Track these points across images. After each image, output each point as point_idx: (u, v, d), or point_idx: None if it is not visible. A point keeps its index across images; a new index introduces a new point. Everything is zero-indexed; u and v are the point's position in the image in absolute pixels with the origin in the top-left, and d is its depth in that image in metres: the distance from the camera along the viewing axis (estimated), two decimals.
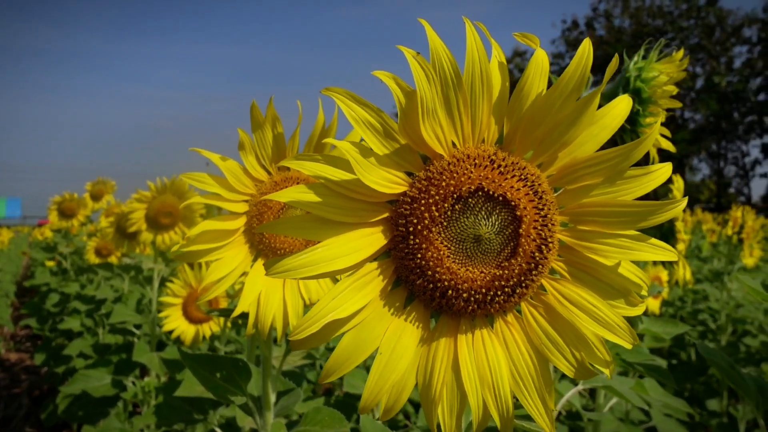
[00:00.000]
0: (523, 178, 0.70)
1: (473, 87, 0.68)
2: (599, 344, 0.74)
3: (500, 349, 0.72)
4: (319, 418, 1.31)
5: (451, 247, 0.70)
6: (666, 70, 1.31)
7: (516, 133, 0.71)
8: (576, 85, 0.67)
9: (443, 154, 0.69)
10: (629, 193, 0.72)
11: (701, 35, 46.83)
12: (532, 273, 0.71)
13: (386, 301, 0.71)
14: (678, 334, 1.74)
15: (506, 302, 0.72)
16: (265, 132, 1.15)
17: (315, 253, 0.66)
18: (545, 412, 0.71)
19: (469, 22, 0.66)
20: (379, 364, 0.69)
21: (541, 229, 0.70)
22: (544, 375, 0.72)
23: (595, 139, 0.71)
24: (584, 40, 0.67)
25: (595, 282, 0.74)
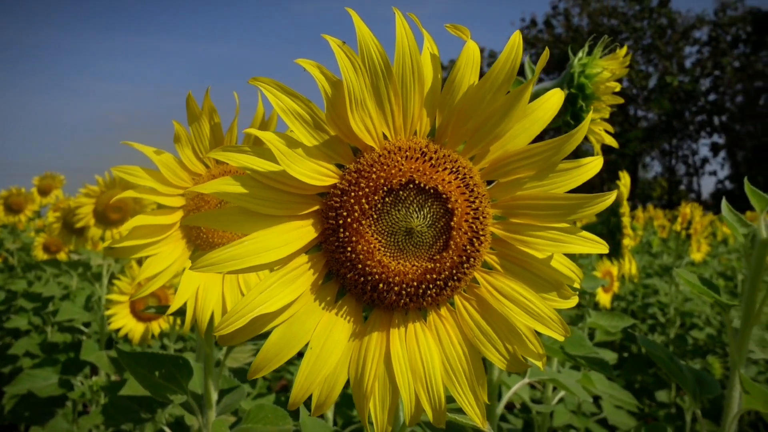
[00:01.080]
0: (454, 171, 0.70)
1: (404, 78, 0.67)
2: (532, 337, 0.74)
3: (433, 342, 0.72)
4: (261, 416, 1.30)
5: (382, 240, 0.69)
6: (609, 66, 1.32)
7: (448, 125, 0.70)
8: (506, 77, 0.67)
9: (374, 146, 0.69)
10: (561, 186, 0.72)
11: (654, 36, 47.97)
12: (463, 266, 0.71)
13: (317, 295, 0.70)
14: (624, 327, 1.78)
15: (439, 295, 0.71)
16: (202, 125, 1.12)
17: (241, 247, 0.64)
18: (477, 405, 0.71)
19: (399, 13, 0.65)
20: (309, 359, 0.67)
21: (472, 222, 0.70)
22: (477, 368, 0.72)
23: (527, 132, 0.71)
24: (514, 34, 0.67)
25: (527, 275, 0.74)
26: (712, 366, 4.12)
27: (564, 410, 3.39)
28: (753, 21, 44.92)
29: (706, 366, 4.17)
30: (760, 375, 4.37)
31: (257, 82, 0.65)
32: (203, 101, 1.12)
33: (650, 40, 48.32)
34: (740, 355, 1.08)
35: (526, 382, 1.47)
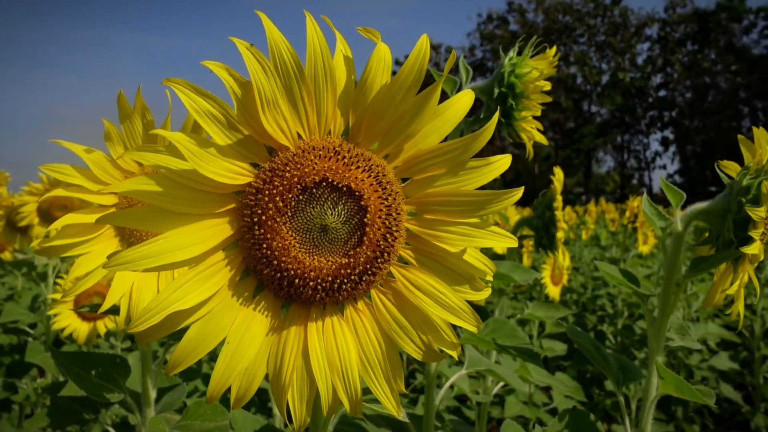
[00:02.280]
0: (368, 169, 0.72)
1: (317, 79, 0.69)
2: (446, 328, 0.77)
3: (350, 335, 0.75)
4: (200, 412, 1.30)
5: (297, 236, 0.71)
6: (538, 66, 1.37)
7: (361, 125, 0.73)
8: (414, 79, 0.70)
9: (289, 146, 0.70)
10: (471, 183, 0.75)
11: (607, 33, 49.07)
12: (378, 261, 0.73)
13: (235, 291, 0.71)
14: (559, 317, 1.84)
15: (354, 290, 0.74)
16: (134, 122, 1.12)
17: (156, 245, 0.65)
18: (391, 395, 0.74)
19: (309, 16, 0.67)
20: (226, 354, 0.69)
21: (386, 218, 0.73)
22: (392, 359, 0.75)
23: (438, 131, 0.74)
24: (422, 37, 0.70)
25: (441, 268, 0.78)
26: None
27: (515, 401, 3.47)
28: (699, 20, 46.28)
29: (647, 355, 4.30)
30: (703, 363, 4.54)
31: (171, 83, 0.66)
32: (135, 99, 1.12)
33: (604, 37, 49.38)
34: (658, 343, 1.13)
35: (463, 373, 1.51)
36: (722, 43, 46.31)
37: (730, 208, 1.05)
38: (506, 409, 3.34)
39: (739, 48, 45.59)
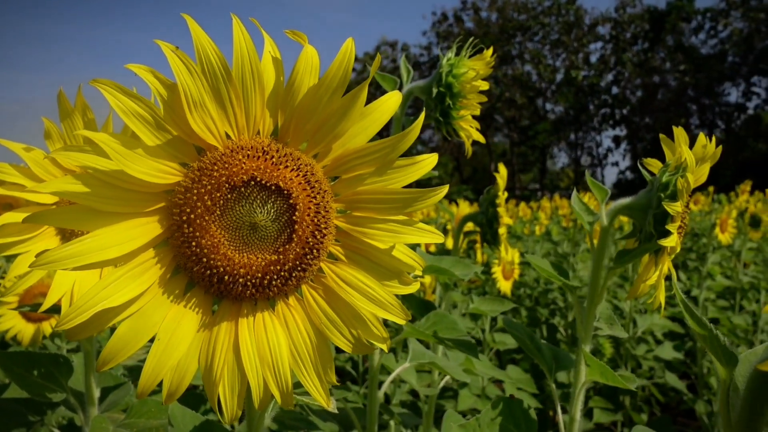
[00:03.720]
0: (296, 168, 0.74)
1: (244, 81, 0.71)
2: (376, 322, 0.80)
3: (281, 329, 0.77)
4: (145, 410, 1.31)
5: (227, 234, 0.73)
6: (475, 66, 1.41)
7: (290, 125, 0.75)
8: (340, 81, 0.72)
9: (217, 145, 0.72)
10: (398, 181, 0.78)
11: (561, 31, 49.95)
12: (307, 257, 0.76)
13: (165, 289, 0.73)
14: (503, 310, 1.89)
15: (285, 286, 0.76)
16: (75, 121, 1.12)
17: (83, 244, 0.66)
18: (321, 387, 0.76)
19: (236, 19, 0.69)
20: (156, 350, 0.70)
21: (315, 216, 0.75)
22: (323, 353, 0.77)
23: (365, 131, 0.77)
24: (347, 40, 0.72)
25: (369, 264, 0.80)
26: (602, 346, 4.39)
27: (469, 394, 3.53)
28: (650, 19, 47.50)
29: (597, 347, 4.43)
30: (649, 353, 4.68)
31: (97, 84, 0.67)
32: (76, 98, 1.12)
33: (558, 36, 50.20)
34: (586, 332, 1.19)
35: (406, 366, 1.55)
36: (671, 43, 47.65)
37: (651, 203, 1.10)
38: (459, 402, 3.39)
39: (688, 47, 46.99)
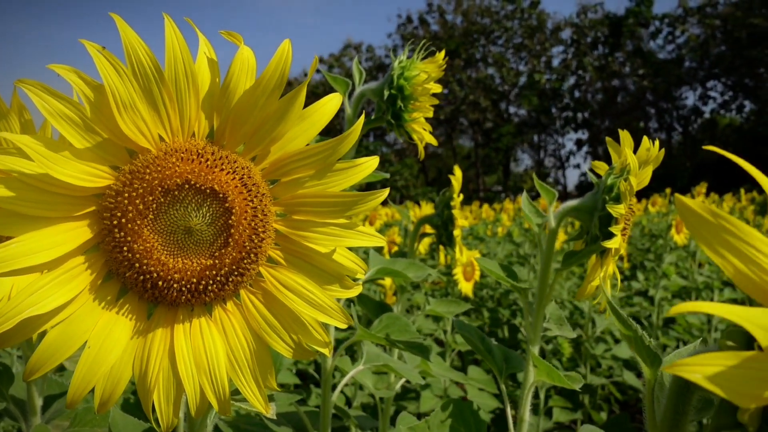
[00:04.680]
0: (232, 171, 0.73)
1: (178, 83, 0.69)
2: (317, 326, 0.79)
3: (218, 335, 0.75)
4: (89, 418, 1.27)
5: (160, 239, 0.71)
6: (427, 69, 1.41)
7: (226, 127, 0.73)
8: (277, 83, 0.71)
9: (150, 148, 0.70)
10: (338, 185, 0.78)
11: (524, 35, 50.59)
12: (245, 262, 0.74)
13: (96, 295, 0.71)
14: (459, 312, 1.90)
15: (222, 291, 0.75)
16: (11, 122, 1.08)
17: (8, 249, 0.64)
18: (259, 393, 0.75)
19: (168, 19, 0.67)
20: (87, 358, 0.68)
21: (252, 220, 0.74)
22: (262, 358, 0.76)
23: (305, 134, 0.76)
24: (283, 42, 0.71)
25: (310, 268, 0.79)
26: (562, 346, 4.44)
27: (431, 395, 3.53)
28: (609, 24, 48.46)
29: (557, 347, 4.49)
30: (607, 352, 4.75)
31: (23, 85, 0.64)
32: (11, 98, 1.08)
33: (521, 39, 50.84)
34: (535, 333, 1.20)
35: (360, 368, 1.54)
36: (630, 48, 48.67)
37: (596, 205, 1.12)
38: (421, 404, 3.40)
39: (646, 52, 48.05)
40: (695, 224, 0.39)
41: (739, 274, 0.39)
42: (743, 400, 0.36)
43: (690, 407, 0.51)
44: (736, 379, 0.35)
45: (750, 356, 0.36)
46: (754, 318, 0.36)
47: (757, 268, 0.39)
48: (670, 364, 0.36)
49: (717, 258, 0.38)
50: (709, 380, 0.35)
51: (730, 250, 0.38)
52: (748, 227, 0.38)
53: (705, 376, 0.35)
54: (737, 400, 0.36)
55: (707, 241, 0.38)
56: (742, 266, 0.38)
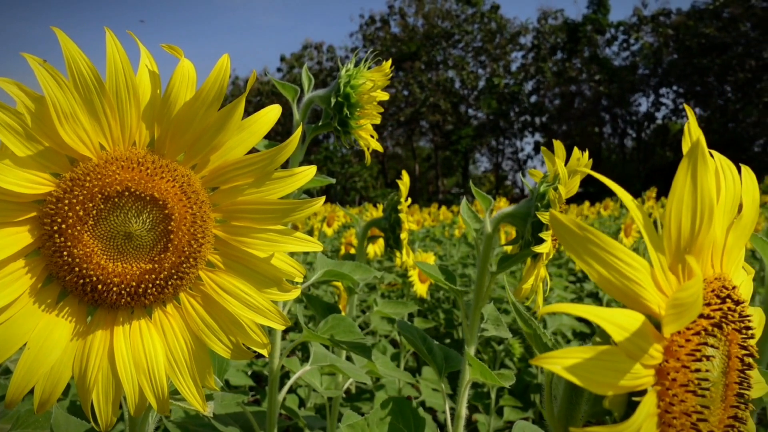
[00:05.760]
0: (173, 179, 0.76)
1: (119, 93, 0.72)
2: (255, 328, 0.83)
3: (157, 337, 0.78)
4: (32, 420, 1.28)
5: (100, 244, 0.74)
6: (373, 77, 1.46)
7: (166, 137, 0.77)
8: (216, 95, 0.75)
9: (91, 156, 0.73)
10: (276, 192, 0.82)
11: (484, 39, 51.22)
12: (184, 266, 0.78)
13: (36, 298, 0.73)
14: (407, 312, 1.95)
15: (161, 294, 0.78)
16: None
17: None
18: (197, 392, 0.78)
19: (110, 32, 0.70)
20: (26, 359, 0.71)
21: (191, 226, 0.77)
22: (200, 359, 0.80)
23: (244, 143, 0.79)
24: (222, 57, 0.75)
25: (248, 272, 0.83)
26: (512, 346, 4.55)
27: (385, 395, 3.58)
28: (567, 30, 49.42)
29: (507, 346, 4.59)
30: None
31: None
32: None
33: (481, 44, 51.43)
34: (471, 333, 1.26)
35: (307, 369, 1.58)
36: (587, 54, 49.72)
37: (530, 212, 1.18)
38: (375, 404, 3.44)
39: (602, 59, 49.16)
40: (565, 236, 0.44)
41: (603, 280, 0.44)
42: (599, 388, 0.42)
43: (582, 398, 0.57)
44: (592, 370, 0.41)
45: (604, 349, 0.42)
46: (608, 317, 0.42)
47: (618, 274, 0.45)
48: (537, 357, 0.41)
49: (584, 265, 0.44)
50: (567, 370, 0.40)
51: (595, 259, 0.44)
52: (610, 239, 0.44)
53: (564, 367, 0.40)
54: (593, 388, 0.41)
55: (575, 250, 0.44)
56: (605, 272, 0.44)
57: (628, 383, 0.44)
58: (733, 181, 0.57)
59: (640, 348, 0.44)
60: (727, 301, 0.52)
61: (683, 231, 0.49)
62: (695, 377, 0.47)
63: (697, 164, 0.48)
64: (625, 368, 0.43)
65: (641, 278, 0.46)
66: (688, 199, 0.49)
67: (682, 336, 0.48)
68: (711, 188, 0.49)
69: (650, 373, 0.46)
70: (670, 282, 0.48)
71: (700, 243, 0.51)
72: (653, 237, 0.48)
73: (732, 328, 0.54)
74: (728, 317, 0.52)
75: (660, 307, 0.47)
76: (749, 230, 0.59)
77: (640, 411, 0.44)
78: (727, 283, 0.54)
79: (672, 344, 0.47)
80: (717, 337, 0.51)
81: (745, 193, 0.58)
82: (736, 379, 0.56)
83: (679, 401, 0.47)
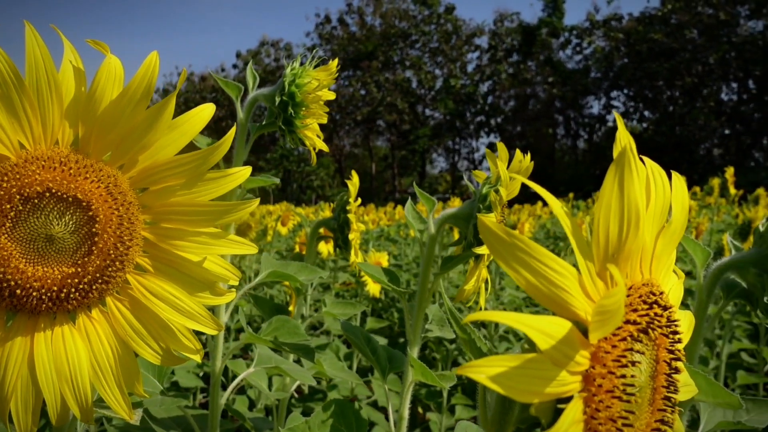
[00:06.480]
0: (98, 180, 0.73)
1: (39, 90, 0.69)
2: (187, 333, 0.80)
3: (81, 343, 0.75)
4: None
5: (19, 247, 0.70)
6: (319, 77, 1.43)
7: (91, 136, 0.73)
8: (144, 92, 0.72)
9: (9, 156, 0.70)
10: (209, 194, 0.79)
11: (440, 40, 51.62)
12: (109, 269, 0.74)
13: None
14: (354, 313, 1.94)
15: (85, 298, 0.74)
16: None
17: None
18: (123, 400, 0.75)
19: (29, 26, 0.67)
20: None
21: (117, 228, 0.74)
22: (127, 365, 0.77)
23: (175, 143, 0.77)
24: (150, 54, 0.72)
25: (179, 275, 0.80)
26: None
27: (338, 396, 3.57)
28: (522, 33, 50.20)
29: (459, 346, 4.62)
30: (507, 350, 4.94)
31: None
32: None
33: (437, 44, 51.82)
34: (414, 334, 1.25)
35: (251, 371, 1.55)
36: (542, 57, 50.61)
37: (472, 213, 1.18)
38: None
39: (556, 62, 50.12)
40: (492, 242, 0.43)
41: (530, 286, 0.44)
42: (524, 396, 0.41)
43: (515, 404, 0.56)
44: (516, 378, 0.40)
45: (530, 358, 0.41)
46: (534, 324, 0.41)
47: (545, 281, 0.44)
48: (462, 366, 0.40)
49: (511, 272, 0.43)
50: (491, 380, 0.39)
51: (522, 266, 0.43)
52: (537, 246, 0.43)
53: (488, 376, 0.39)
54: (518, 396, 0.41)
55: (503, 257, 0.43)
56: (532, 279, 0.44)
57: (554, 390, 0.43)
58: (663, 187, 0.57)
59: (565, 355, 0.43)
60: (654, 306, 0.52)
61: (611, 238, 0.49)
62: (621, 383, 0.47)
63: (624, 171, 0.48)
64: (551, 376, 0.43)
65: (569, 285, 0.45)
66: (615, 206, 0.49)
67: (608, 342, 0.48)
68: (638, 195, 0.49)
69: (577, 379, 0.46)
70: (598, 288, 0.48)
71: (628, 249, 0.51)
72: (581, 244, 0.48)
73: (660, 333, 0.54)
74: (655, 322, 0.52)
75: (587, 313, 0.47)
76: (678, 236, 0.59)
77: (564, 418, 0.43)
78: (654, 289, 0.54)
79: (598, 350, 0.47)
80: (643, 342, 0.51)
81: (675, 199, 0.58)
82: (663, 383, 0.56)
83: (605, 407, 0.46)
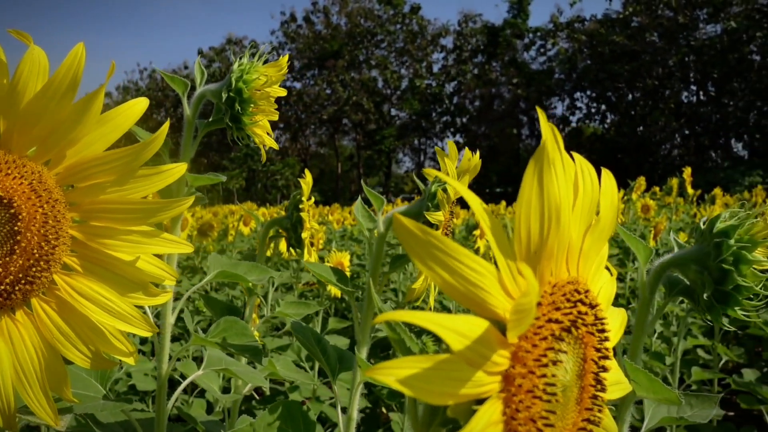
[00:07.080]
0: (20, 176, 0.70)
1: None
2: (119, 335, 0.78)
3: (3, 346, 0.72)
4: None
5: None
6: (267, 73, 1.41)
7: (14, 130, 0.70)
8: (69, 85, 0.69)
9: None
10: (141, 191, 0.77)
11: (406, 40, 51.73)
12: (33, 269, 0.72)
13: None
14: (307, 313, 1.92)
15: (7, 300, 0.71)
16: None
17: None
18: (48, 405, 0.72)
19: None
20: None
21: (42, 226, 0.71)
22: (54, 369, 0.74)
23: (104, 138, 0.74)
24: (76, 45, 0.69)
25: (110, 275, 0.78)
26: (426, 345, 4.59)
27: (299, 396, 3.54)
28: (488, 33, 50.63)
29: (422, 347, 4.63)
30: None
31: None
32: None
33: (403, 44, 51.93)
34: (363, 334, 1.24)
35: (200, 373, 1.52)
36: (507, 58, 51.10)
37: (421, 211, 1.18)
38: None
39: (521, 63, 50.65)
40: (408, 240, 0.42)
41: (447, 285, 0.43)
42: (436, 398, 0.40)
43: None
44: (428, 380, 0.40)
45: (443, 358, 0.41)
46: (448, 324, 0.41)
47: (463, 280, 0.43)
48: (370, 369, 0.39)
49: (427, 271, 0.42)
50: (400, 382, 0.38)
51: (438, 264, 0.42)
52: (454, 243, 0.42)
53: (398, 378, 0.38)
54: (429, 399, 0.40)
55: (419, 255, 0.42)
56: (449, 278, 0.43)
57: (470, 392, 0.43)
58: (591, 184, 0.57)
59: (481, 355, 0.43)
60: (578, 304, 0.52)
61: (532, 234, 0.49)
62: (542, 382, 0.47)
63: (543, 167, 0.48)
64: (466, 377, 0.42)
65: (487, 283, 0.45)
66: (535, 203, 0.48)
67: (528, 341, 0.47)
68: (558, 192, 0.49)
69: (496, 380, 0.45)
70: (519, 287, 0.48)
71: (550, 246, 0.50)
72: (501, 241, 0.47)
73: (586, 331, 0.54)
74: (580, 320, 0.52)
75: (507, 311, 0.46)
76: (607, 234, 0.59)
77: (478, 419, 0.42)
78: (580, 287, 0.54)
79: (519, 350, 0.46)
80: (567, 341, 0.51)
81: (603, 197, 0.58)
82: (592, 382, 0.56)
83: (525, 407, 0.46)
